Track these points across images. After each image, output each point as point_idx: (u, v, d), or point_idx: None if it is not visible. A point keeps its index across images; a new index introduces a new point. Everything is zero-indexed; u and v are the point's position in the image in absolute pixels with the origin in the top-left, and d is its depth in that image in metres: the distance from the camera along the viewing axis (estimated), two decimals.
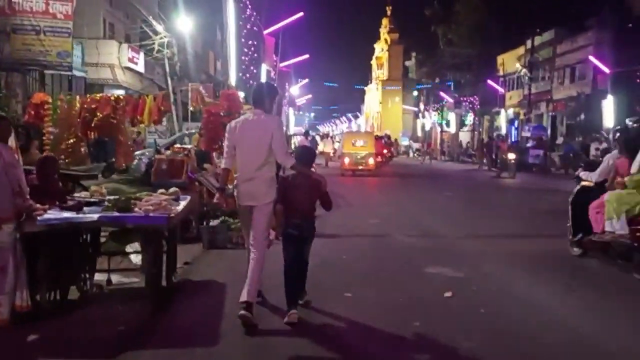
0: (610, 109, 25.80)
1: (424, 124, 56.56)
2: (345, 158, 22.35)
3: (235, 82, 23.91)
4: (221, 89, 20.60)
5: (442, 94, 46.70)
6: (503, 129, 38.11)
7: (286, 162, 4.84)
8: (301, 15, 27.46)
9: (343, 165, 22.41)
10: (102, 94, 10.44)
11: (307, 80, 60.12)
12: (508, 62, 38.13)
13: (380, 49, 77.72)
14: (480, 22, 39.93)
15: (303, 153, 5.15)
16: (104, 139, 10.20)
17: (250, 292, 4.56)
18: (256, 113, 4.90)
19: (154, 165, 8.62)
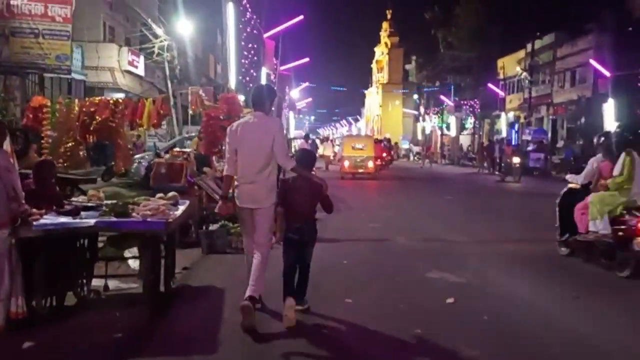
0: (611, 113, 25.75)
1: (424, 128, 56.54)
2: (345, 161, 22.46)
3: (235, 86, 23.87)
4: (221, 92, 20.55)
5: (442, 98, 46.68)
6: (503, 133, 38.08)
7: (287, 164, 4.82)
8: (301, 18, 27.44)
9: (343, 168, 22.51)
10: (101, 97, 10.38)
11: (307, 84, 60.12)
12: (508, 66, 38.13)
13: (381, 53, 77.77)
14: (481, 26, 39.94)
15: (303, 156, 5.13)
16: (104, 142, 10.14)
17: (253, 288, 4.58)
18: (256, 115, 4.89)
19: (153, 169, 8.58)
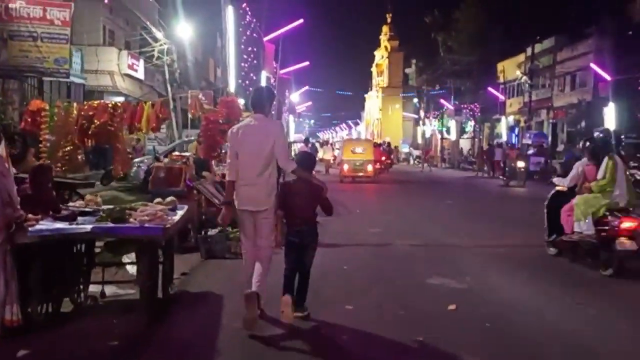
0: (612, 117, 25.73)
1: (424, 131, 56.50)
2: (344, 165, 22.67)
3: (234, 89, 23.83)
4: (221, 96, 20.52)
5: (442, 101, 46.65)
6: (504, 136, 38.04)
7: (288, 166, 4.84)
8: (301, 22, 27.40)
9: (342, 171, 22.68)
10: (99, 101, 10.32)
11: (307, 87, 60.12)
12: (508, 70, 38.13)
13: (380, 56, 77.83)
14: (480, 30, 39.98)
15: (304, 158, 5.13)
16: (104, 146, 10.08)
17: (257, 285, 4.63)
18: (257, 118, 4.90)
19: (152, 173, 8.51)
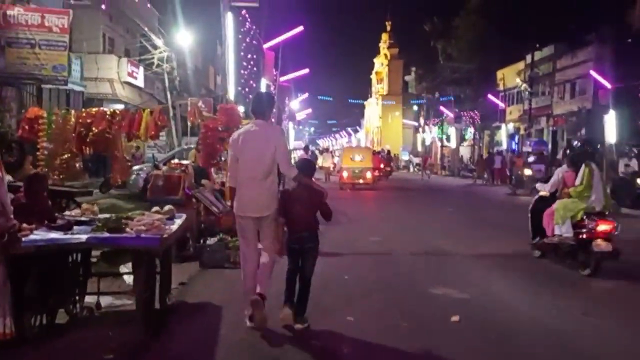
0: (613, 124, 25.67)
1: (424, 139, 56.50)
2: (344, 172, 23.16)
3: (234, 97, 23.80)
4: (220, 103, 20.48)
5: (442, 109, 46.64)
6: (504, 144, 38.00)
7: (289, 172, 4.86)
8: (301, 29, 27.37)
9: (342, 179, 23.13)
10: (98, 108, 10.25)
11: (307, 95, 60.19)
12: (508, 77, 38.12)
13: (380, 64, 78.00)
14: (480, 37, 40.02)
15: (304, 165, 5.16)
16: (104, 154, 10.01)
17: (261, 287, 4.74)
18: (257, 124, 4.90)
19: (150, 181, 8.42)
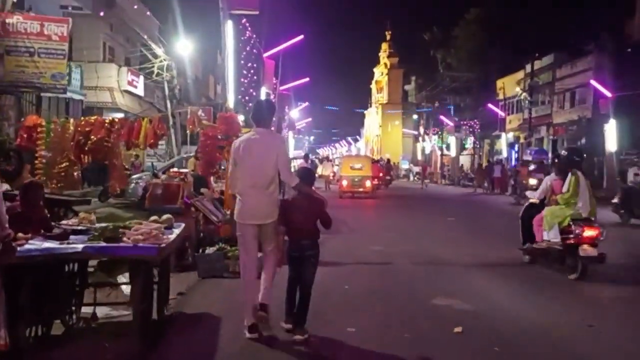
0: (613, 133, 25.67)
1: (424, 148, 56.50)
2: (343, 181, 23.34)
3: (233, 105, 23.77)
4: (220, 112, 20.44)
5: (442, 118, 46.66)
6: (504, 153, 37.97)
7: (291, 181, 4.87)
8: (301, 38, 27.40)
9: (341, 187, 23.32)
10: (96, 116, 10.21)
11: (307, 104, 60.25)
12: (508, 86, 38.17)
13: (380, 73, 78.18)
14: (480, 47, 40.14)
15: (304, 174, 5.14)
16: (104, 162, 9.96)
17: (264, 295, 4.76)
18: (259, 132, 4.90)
19: (149, 190, 8.34)
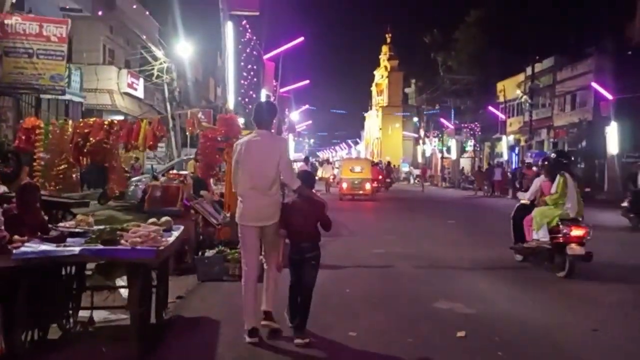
0: (615, 136, 25.61)
1: (424, 151, 56.44)
2: (343, 183, 23.53)
3: (233, 107, 23.72)
4: (220, 114, 20.37)
5: (442, 121, 46.60)
6: (505, 156, 37.90)
7: (293, 183, 4.88)
8: (301, 40, 27.30)
9: (341, 190, 23.51)
10: (95, 118, 10.15)
11: (307, 106, 60.20)
12: (508, 89, 38.11)
13: (380, 76, 78.16)
14: (480, 49, 40.11)
15: (305, 177, 5.13)
16: (103, 164, 9.91)
17: (268, 302, 4.88)
18: (260, 134, 4.89)
19: (148, 192, 8.27)
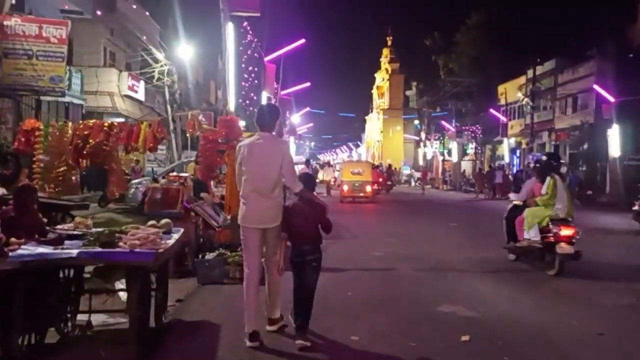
0: (617, 139, 25.53)
1: (425, 153, 56.37)
2: (344, 186, 23.83)
3: (234, 108, 23.67)
4: (220, 115, 20.31)
5: (443, 123, 46.51)
6: (506, 158, 37.82)
7: (295, 186, 4.88)
8: (303, 42, 27.19)
9: (342, 192, 23.78)
10: (95, 120, 10.09)
11: (308, 109, 60.15)
12: (509, 92, 38.06)
13: (381, 79, 78.14)
14: (481, 52, 40.06)
15: (305, 179, 5.11)
16: (103, 167, 9.85)
17: (272, 308, 5.00)
18: (263, 137, 4.89)
19: (148, 195, 8.21)
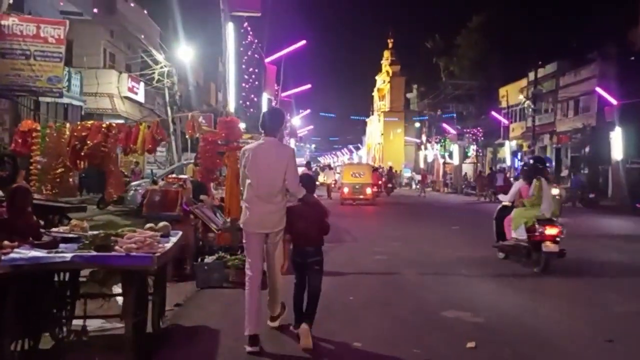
0: (619, 141, 25.42)
1: (426, 156, 56.27)
2: (344, 188, 24.02)
3: (234, 110, 23.57)
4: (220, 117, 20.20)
5: (444, 126, 46.43)
6: (507, 161, 37.71)
7: (298, 192, 4.92)
8: (303, 43, 27.16)
9: (342, 194, 23.95)
10: (93, 121, 9.98)
11: (309, 111, 60.13)
12: (511, 94, 37.97)
13: (382, 81, 78.07)
14: (482, 55, 40.02)
15: (304, 180, 5.12)
16: (102, 168, 9.75)
17: (275, 306, 5.05)
18: (267, 141, 4.88)
19: (146, 197, 8.08)
